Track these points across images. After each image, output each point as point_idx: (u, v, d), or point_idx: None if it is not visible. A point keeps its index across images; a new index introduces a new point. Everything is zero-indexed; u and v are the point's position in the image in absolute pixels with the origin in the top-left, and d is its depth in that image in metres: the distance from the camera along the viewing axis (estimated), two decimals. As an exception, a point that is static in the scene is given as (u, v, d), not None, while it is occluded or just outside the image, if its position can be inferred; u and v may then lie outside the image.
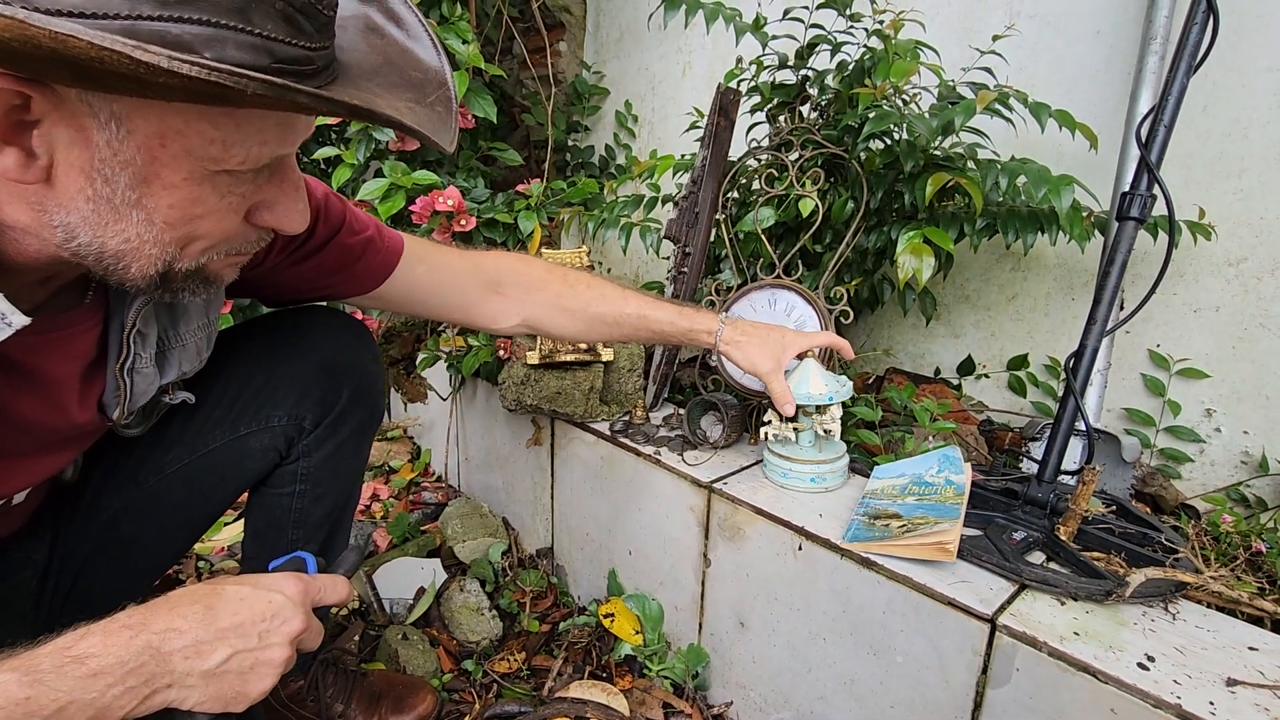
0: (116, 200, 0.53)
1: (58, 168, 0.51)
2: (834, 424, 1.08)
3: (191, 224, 0.56)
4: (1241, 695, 0.68)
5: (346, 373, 0.95)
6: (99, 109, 0.49)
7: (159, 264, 0.57)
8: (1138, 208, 0.96)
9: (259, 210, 0.61)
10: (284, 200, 0.62)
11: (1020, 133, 1.15)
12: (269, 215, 0.61)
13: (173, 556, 0.97)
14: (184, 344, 0.80)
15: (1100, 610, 0.80)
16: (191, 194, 0.55)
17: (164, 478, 0.88)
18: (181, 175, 0.53)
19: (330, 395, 0.93)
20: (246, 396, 0.90)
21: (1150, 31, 1.14)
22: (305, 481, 0.96)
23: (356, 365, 0.96)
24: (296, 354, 0.93)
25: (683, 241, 1.36)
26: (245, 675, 0.60)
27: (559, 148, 2.23)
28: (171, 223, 0.55)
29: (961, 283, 1.52)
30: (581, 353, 1.34)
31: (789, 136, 1.32)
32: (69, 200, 0.52)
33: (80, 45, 0.40)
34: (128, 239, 0.55)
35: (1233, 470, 1.22)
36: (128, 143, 0.51)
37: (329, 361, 0.94)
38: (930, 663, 0.86)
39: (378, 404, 1.01)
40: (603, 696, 1.14)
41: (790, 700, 1.05)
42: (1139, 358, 1.30)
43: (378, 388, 1.00)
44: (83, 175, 0.51)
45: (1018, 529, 0.97)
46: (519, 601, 1.43)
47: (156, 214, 0.54)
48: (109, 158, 0.51)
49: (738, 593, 1.11)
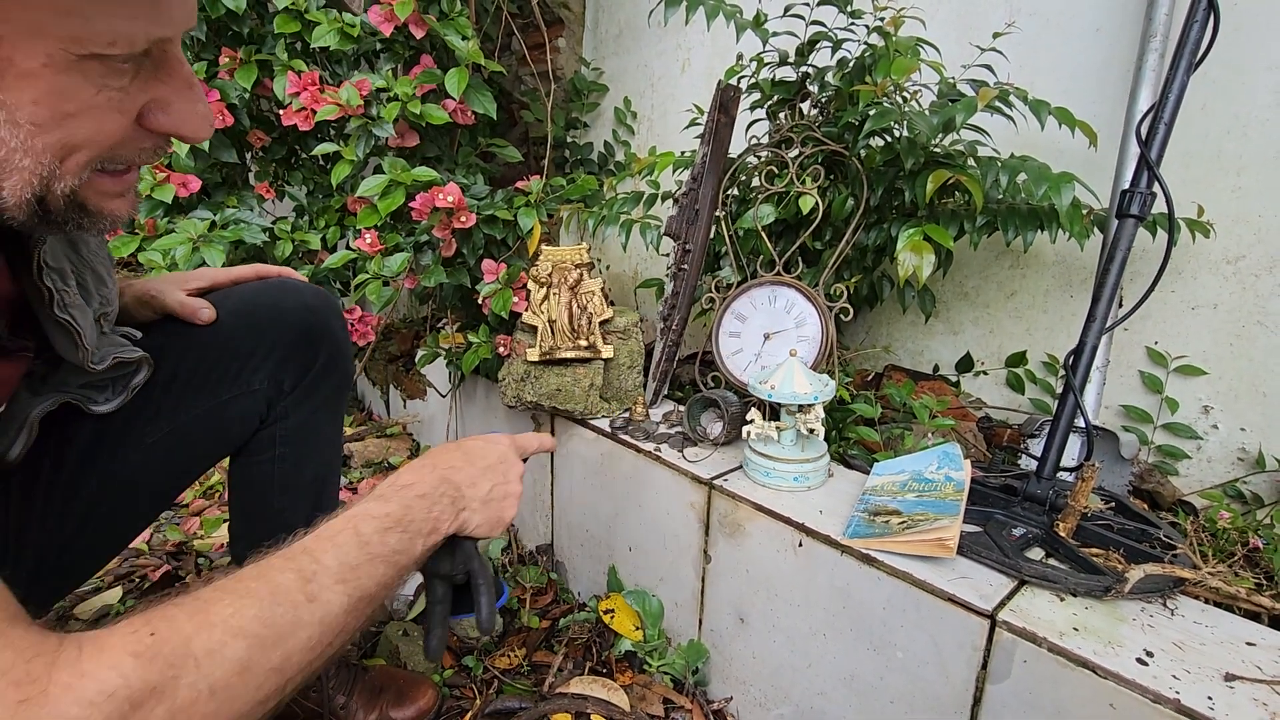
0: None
1: None
2: (817, 423, 1.08)
3: (65, 125, 0.48)
4: (1240, 690, 0.68)
5: (322, 338, 0.98)
6: None
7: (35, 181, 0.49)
8: (1138, 205, 0.96)
9: (151, 112, 0.53)
10: (178, 99, 0.53)
11: (1019, 130, 1.15)
12: (164, 118, 0.53)
13: (148, 523, 0.98)
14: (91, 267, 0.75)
15: (1099, 606, 0.81)
16: (57, 84, 0.46)
17: (143, 449, 0.86)
18: (39, 61, 0.45)
19: (307, 357, 0.96)
20: (226, 361, 0.91)
21: (1150, 29, 1.14)
22: (285, 444, 0.97)
23: (329, 331, 1.00)
24: (275, 321, 0.95)
25: (683, 238, 1.36)
26: (501, 503, 0.75)
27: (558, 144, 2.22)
28: (40, 122, 0.47)
29: (960, 280, 1.52)
30: (581, 350, 1.35)
31: (789, 133, 1.32)
32: None
33: None
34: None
35: (1230, 467, 1.23)
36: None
37: (305, 326, 0.96)
38: (930, 658, 0.86)
39: (349, 370, 1.05)
40: (603, 692, 1.14)
41: (790, 696, 1.06)
42: (1137, 355, 1.30)
43: (348, 354, 1.04)
44: None
45: (1017, 525, 0.97)
46: (519, 598, 1.43)
47: (19, 112, 0.46)
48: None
49: (738, 589, 1.11)
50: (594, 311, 1.35)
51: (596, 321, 1.35)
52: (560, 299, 1.35)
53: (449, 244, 1.43)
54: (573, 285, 1.36)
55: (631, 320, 1.42)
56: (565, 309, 1.35)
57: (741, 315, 1.32)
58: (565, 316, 1.35)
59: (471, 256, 1.48)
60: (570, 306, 1.35)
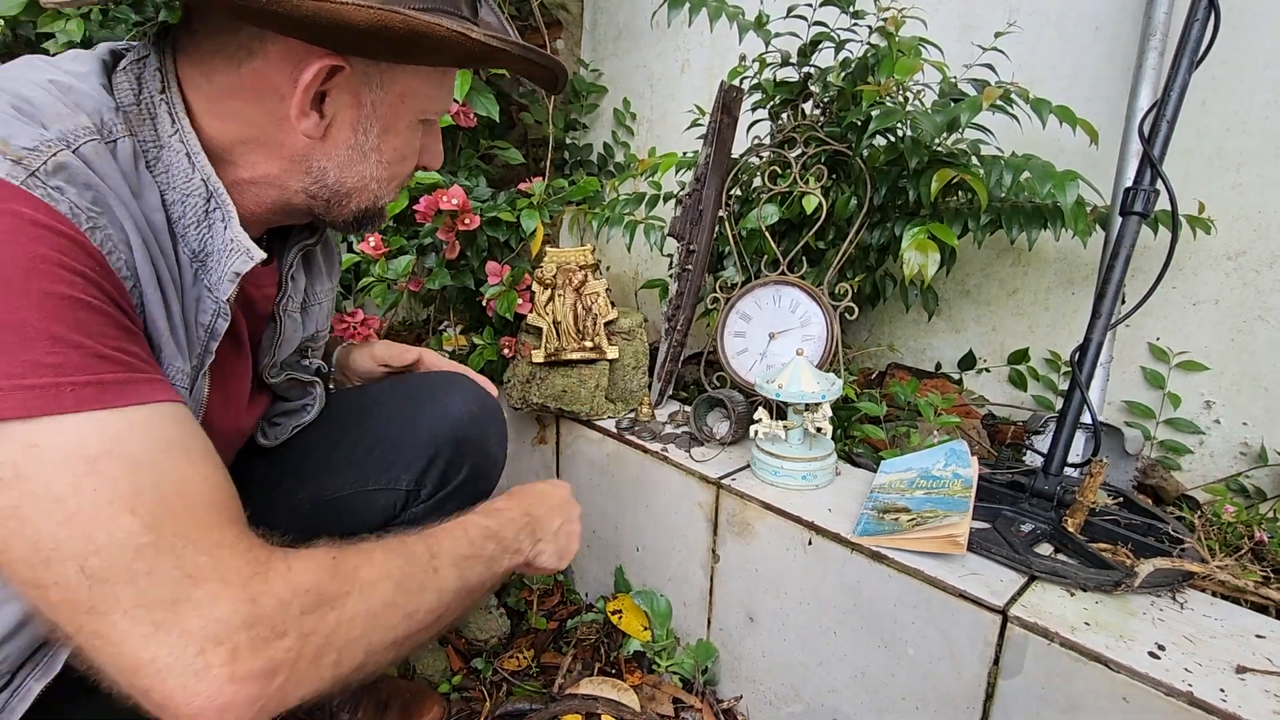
0: (365, 147, 0.66)
1: (334, 125, 0.64)
2: (824, 422, 1.09)
3: (400, 163, 0.71)
4: (1251, 682, 0.69)
5: (471, 450, 0.96)
6: (371, 75, 0.63)
7: (372, 199, 0.71)
8: (1141, 203, 0.97)
9: (420, 152, 0.74)
10: (433, 143, 0.75)
11: (1020, 128, 1.16)
12: (425, 155, 0.75)
13: None
14: (320, 302, 0.88)
15: (1109, 600, 0.81)
16: (407, 139, 0.69)
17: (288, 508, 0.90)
18: (406, 123, 0.68)
19: (452, 469, 0.95)
20: (380, 451, 0.92)
21: (1150, 28, 1.15)
22: None
23: (484, 446, 0.98)
24: (432, 418, 0.94)
25: (687, 239, 1.36)
26: (567, 539, 0.85)
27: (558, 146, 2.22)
28: (389, 162, 0.69)
29: (962, 278, 1.53)
30: (587, 351, 1.35)
31: (792, 133, 1.32)
32: (333, 150, 0.65)
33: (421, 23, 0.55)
34: (361, 177, 0.68)
35: (1232, 461, 1.24)
36: (383, 101, 0.65)
37: (461, 435, 0.95)
38: (942, 655, 0.87)
39: (489, 490, 1.02)
40: (613, 692, 1.14)
41: (800, 694, 1.06)
42: (1139, 351, 1.31)
43: (496, 472, 1.03)
44: (349, 129, 0.65)
45: (1025, 521, 0.98)
46: (526, 599, 1.43)
47: (384, 156, 0.68)
48: (369, 114, 0.65)
49: (747, 588, 1.11)
50: (599, 312, 1.36)
51: (601, 322, 1.35)
52: (565, 300, 1.35)
53: (453, 246, 1.43)
54: (577, 286, 1.36)
55: (636, 321, 1.42)
56: (570, 310, 1.35)
57: (746, 315, 1.32)
58: (570, 318, 1.35)
59: (475, 259, 1.48)
60: (575, 308, 1.35)
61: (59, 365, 0.46)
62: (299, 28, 0.55)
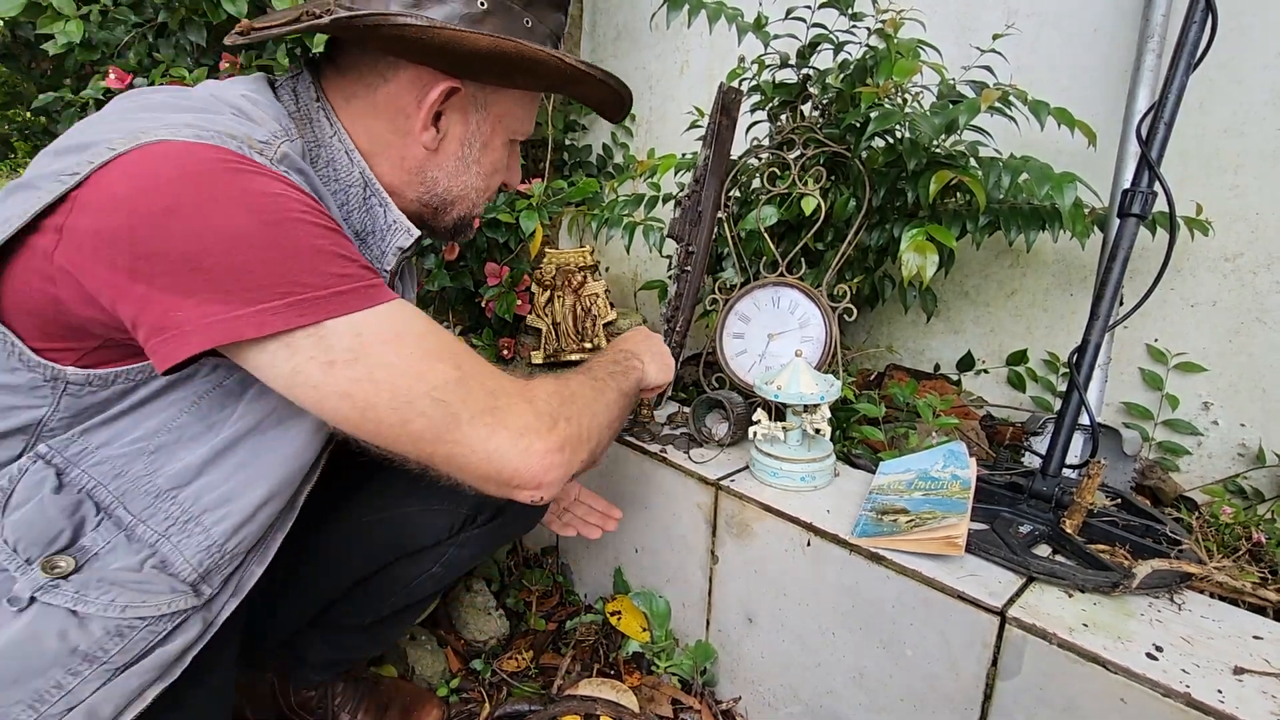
0: (469, 160, 0.79)
1: (446, 139, 0.76)
2: (823, 423, 1.09)
3: (493, 176, 0.83)
4: (1249, 683, 0.69)
5: None
6: (477, 96, 0.75)
7: (470, 207, 0.83)
8: (1139, 204, 0.97)
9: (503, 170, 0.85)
10: (515, 163, 0.86)
11: (1018, 130, 1.16)
12: (507, 174, 0.86)
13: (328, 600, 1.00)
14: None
15: (1107, 602, 0.82)
16: (501, 155, 0.81)
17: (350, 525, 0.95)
18: (501, 141, 0.80)
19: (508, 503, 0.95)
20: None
21: (1147, 30, 1.15)
22: (444, 565, 0.98)
23: None
24: None
25: (685, 240, 1.36)
26: (663, 359, 1.00)
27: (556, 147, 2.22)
28: (485, 174, 0.81)
29: (961, 279, 1.53)
30: (586, 352, 1.35)
31: (791, 135, 1.32)
32: (444, 161, 0.78)
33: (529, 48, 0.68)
34: (465, 186, 0.80)
35: (1230, 462, 1.24)
36: (485, 120, 0.77)
37: None
38: (940, 655, 0.87)
39: (531, 526, 1.10)
40: (612, 693, 1.14)
41: (799, 695, 1.06)
42: (1137, 352, 1.32)
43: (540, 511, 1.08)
44: (457, 143, 0.77)
45: (1024, 523, 0.98)
46: (525, 600, 1.43)
47: (482, 169, 0.80)
48: (474, 130, 0.77)
49: (745, 589, 1.11)
50: (598, 313, 1.36)
51: (601, 323, 1.36)
52: (564, 301, 1.35)
53: (452, 248, 1.43)
54: (576, 288, 1.36)
55: (635, 322, 1.42)
56: (570, 311, 1.35)
57: (745, 316, 1.32)
58: (570, 319, 1.35)
59: (474, 260, 1.48)
60: (574, 309, 1.35)
61: (350, 275, 0.60)
62: (431, 54, 0.68)
